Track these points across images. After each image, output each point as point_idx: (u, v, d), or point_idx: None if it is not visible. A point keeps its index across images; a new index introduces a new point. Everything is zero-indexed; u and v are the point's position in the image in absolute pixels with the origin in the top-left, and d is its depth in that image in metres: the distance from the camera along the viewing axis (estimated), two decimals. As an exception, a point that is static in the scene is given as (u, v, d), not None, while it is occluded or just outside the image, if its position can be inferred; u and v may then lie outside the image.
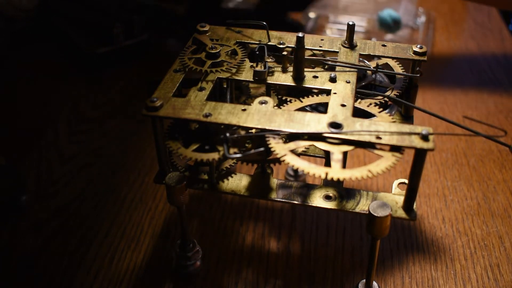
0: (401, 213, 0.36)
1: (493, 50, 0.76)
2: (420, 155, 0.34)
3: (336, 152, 0.33)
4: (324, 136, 0.34)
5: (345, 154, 0.38)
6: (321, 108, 0.41)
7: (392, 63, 0.43)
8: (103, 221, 0.49)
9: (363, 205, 0.37)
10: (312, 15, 0.82)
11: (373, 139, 0.33)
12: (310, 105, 0.40)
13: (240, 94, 0.46)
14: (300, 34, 0.39)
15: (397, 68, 0.43)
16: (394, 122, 0.35)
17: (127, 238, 0.47)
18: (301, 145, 0.34)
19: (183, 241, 0.42)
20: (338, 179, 0.32)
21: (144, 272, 0.44)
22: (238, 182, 0.39)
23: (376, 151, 0.34)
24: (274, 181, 0.39)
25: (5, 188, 0.49)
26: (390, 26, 0.75)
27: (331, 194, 0.38)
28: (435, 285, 0.43)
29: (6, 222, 0.49)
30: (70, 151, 0.58)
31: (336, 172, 0.32)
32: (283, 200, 0.38)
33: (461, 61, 0.73)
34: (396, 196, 0.38)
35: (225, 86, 0.43)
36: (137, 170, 0.55)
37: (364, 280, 0.40)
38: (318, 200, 0.37)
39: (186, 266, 0.42)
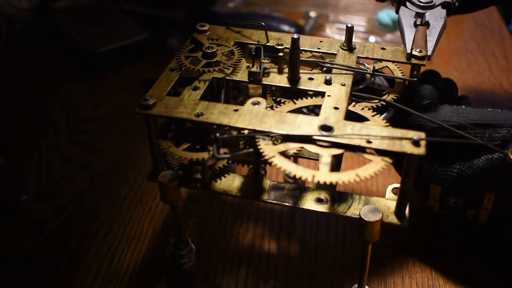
0: (392, 219, 0.36)
1: (493, 50, 0.76)
2: (411, 160, 0.33)
3: (325, 155, 0.33)
4: (314, 139, 0.34)
5: (340, 156, 0.38)
6: (318, 110, 0.40)
7: (391, 66, 0.43)
8: (103, 221, 0.49)
9: (354, 209, 0.37)
10: (312, 14, 0.82)
11: (363, 143, 0.33)
12: (307, 107, 0.40)
13: (239, 94, 0.46)
14: (295, 36, 0.38)
15: (397, 71, 0.43)
16: (387, 126, 0.35)
17: (127, 238, 0.47)
18: (291, 147, 0.34)
19: (177, 239, 0.42)
20: (325, 182, 0.32)
21: (144, 272, 0.44)
22: (231, 182, 0.39)
23: (366, 155, 0.33)
24: (267, 183, 0.39)
25: (5, 188, 0.49)
26: (389, 26, 0.75)
27: (323, 197, 0.37)
28: (435, 285, 0.43)
29: (6, 222, 0.49)
30: (70, 151, 0.58)
31: (323, 175, 0.32)
32: (274, 201, 0.37)
33: (461, 61, 0.73)
34: (389, 201, 0.37)
35: (222, 85, 0.43)
36: (137, 170, 0.55)
37: (356, 285, 0.39)
38: (309, 202, 0.37)
39: (180, 265, 0.42)
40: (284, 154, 0.34)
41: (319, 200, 0.37)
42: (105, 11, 0.80)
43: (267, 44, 0.43)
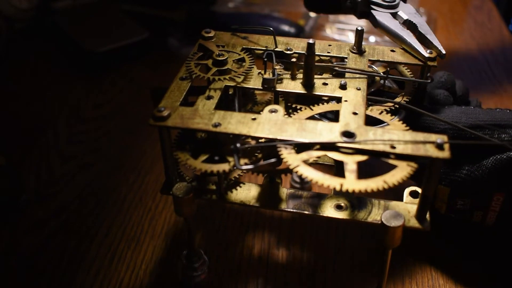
0: (414, 223, 0.36)
1: (493, 50, 0.76)
2: (435, 164, 0.33)
3: (350, 162, 0.32)
4: (337, 146, 0.33)
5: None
6: (330, 115, 0.40)
7: (400, 68, 0.43)
8: (103, 221, 0.49)
9: (375, 215, 0.36)
10: (312, 14, 0.82)
11: (387, 149, 0.32)
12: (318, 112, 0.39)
13: (246, 100, 0.45)
14: (311, 41, 0.38)
15: (405, 73, 0.42)
16: (407, 130, 0.34)
17: (127, 238, 0.47)
18: (314, 155, 0.33)
19: (190, 252, 0.41)
20: (353, 191, 0.31)
21: (144, 272, 0.44)
22: (247, 192, 0.38)
23: (391, 161, 0.33)
24: (284, 191, 0.38)
25: (5, 188, 0.49)
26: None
27: (342, 204, 0.37)
28: (435, 285, 0.43)
29: (6, 222, 0.49)
30: (70, 151, 0.58)
31: (351, 183, 0.31)
32: (294, 210, 0.37)
33: (461, 61, 0.73)
34: (408, 205, 0.37)
35: (230, 93, 0.42)
36: (137, 170, 0.55)
37: None
38: (329, 210, 0.37)
39: (193, 277, 0.41)
40: (306, 162, 0.33)
41: (338, 207, 0.37)
42: (105, 11, 0.80)
43: (275, 49, 0.42)
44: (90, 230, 0.48)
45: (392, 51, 0.42)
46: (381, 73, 0.41)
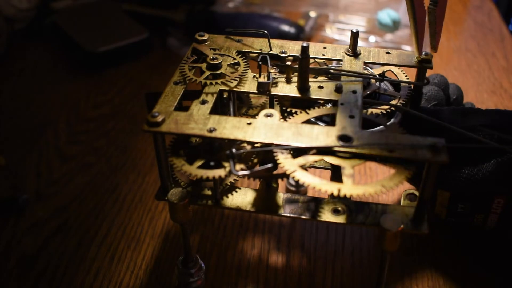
0: (412, 226, 0.35)
1: (493, 50, 0.76)
2: (432, 167, 0.33)
3: (348, 166, 0.32)
4: (334, 150, 0.33)
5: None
6: (326, 118, 0.40)
7: (395, 70, 0.42)
8: (103, 221, 0.49)
9: (373, 219, 0.36)
10: (312, 14, 0.82)
11: (385, 153, 0.32)
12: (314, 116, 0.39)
13: (241, 104, 0.45)
14: (305, 44, 0.37)
15: (401, 75, 0.42)
16: (404, 133, 0.34)
17: (127, 238, 0.47)
18: (311, 159, 0.33)
19: (186, 257, 0.40)
20: (351, 196, 0.31)
21: (144, 272, 0.44)
22: (243, 197, 0.38)
23: (388, 165, 0.33)
24: (281, 196, 0.38)
25: (5, 188, 0.49)
26: (389, 26, 0.75)
27: (339, 208, 0.37)
28: (435, 285, 0.43)
29: (6, 222, 0.49)
30: (70, 151, 0.58)
31: (348, 188, 0.31)
32: (291, 215, 0.36)
33: (461, 61, 0.74)
34: (406, 208, 0.36)
35: (225, 96, 0.41)
36: (137, 170, 0.55)
37: None
38: (326, 214, 0.36)
39: (189, 283, 0.41)
40: (303, 167, 0.33)
41: (336, 211, 0.36)
42: (105, 10, 0.80)
43: (270, 52, 0.42)
44: (90, 230, 0.48)
45: (388, 53, 0.42)
46: (377, 76, 0.41)
